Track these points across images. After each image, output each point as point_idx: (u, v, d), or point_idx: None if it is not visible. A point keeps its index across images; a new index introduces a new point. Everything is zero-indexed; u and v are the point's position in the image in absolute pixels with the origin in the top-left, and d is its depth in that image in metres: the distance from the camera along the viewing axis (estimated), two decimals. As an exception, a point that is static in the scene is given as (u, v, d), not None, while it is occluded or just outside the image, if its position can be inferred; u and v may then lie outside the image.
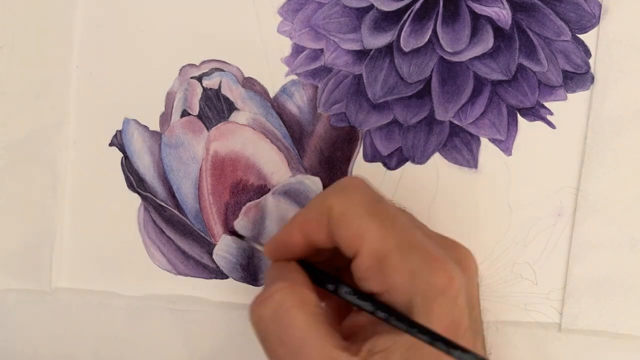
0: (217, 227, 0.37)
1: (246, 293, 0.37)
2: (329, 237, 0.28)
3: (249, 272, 0.37)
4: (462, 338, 0.26)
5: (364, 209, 0.27)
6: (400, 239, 0.26)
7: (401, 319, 0.25)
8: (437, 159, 0.36)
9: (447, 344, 0.24)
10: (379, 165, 0.36)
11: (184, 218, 0.37)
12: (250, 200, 0.36)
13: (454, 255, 0.27)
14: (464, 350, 0.24)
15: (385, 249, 0.26)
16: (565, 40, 0.35)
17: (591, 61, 0.35)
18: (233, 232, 0.36)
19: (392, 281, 0.26)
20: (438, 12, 0.35)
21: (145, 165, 0.37)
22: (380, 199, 0.28)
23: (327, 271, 0.29)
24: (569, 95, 0.35)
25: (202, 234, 0.37)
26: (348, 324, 0.29)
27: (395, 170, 0.36)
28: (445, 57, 0.35)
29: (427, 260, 0.26)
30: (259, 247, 0.35)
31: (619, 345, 0.34)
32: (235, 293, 0.37)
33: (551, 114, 0.35)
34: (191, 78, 0.37)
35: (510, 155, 0.35)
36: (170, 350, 0.37)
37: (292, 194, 0.36)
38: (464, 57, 0.35)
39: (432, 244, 0.27)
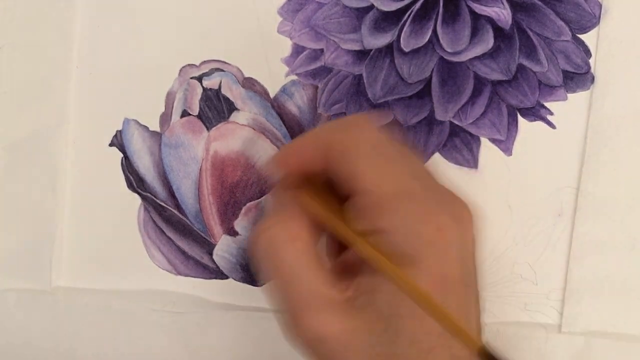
0: (217, 227, 0.37)
1: (246, 293, 0.37)
2: (324, 169, 0.27)
3: (249, 272, 0.37)
4: (452, 290, 0.25)
5: (364, 149, 0.26)
6: (396, 186, 0.26)
7: (387, 266, 0.25)
8: (437, 159, 0.36)
9: (425, 301, 0.24)
10: (379, 165, 0.36)
11: (184, 218, 0.37)
12: (250, 201, 0.36)
13: (450, 208, 0.27)
14: (440, 311, 0.24)
15: (380, 193, 0.26)
16: (566, 40, 0.35)
17: (591, 61, 0.35)
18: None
19: (383, 225, 0.25)
20: (438, 12, 0.35)
21: (145, 166, 0.37)
22: (384, 141, 0.27)
23: (322, 204, 0.29)
24: (569, 95, 0.35)
25: (202, 234, 0.37)
26: (343, 259, 0.29)
27: (395, 171, 0.36)
28: (446, 57, 0.35)
29: (419, 211, 0.25)
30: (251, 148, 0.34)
31: (620, 345, 0.34)
32: (235, 293, 0.37)
33: (551, 114, 0.35)
34: (191, 78, 0.37)
35: (511, 155, 0.35)
36: (170, 350, 0.37)
37: (292, 194, 0.36)
38: (464, 57, 0.35)
39: (428, 195, 0.26)
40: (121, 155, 0.37)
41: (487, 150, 0.35)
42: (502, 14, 0.35)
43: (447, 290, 0.25)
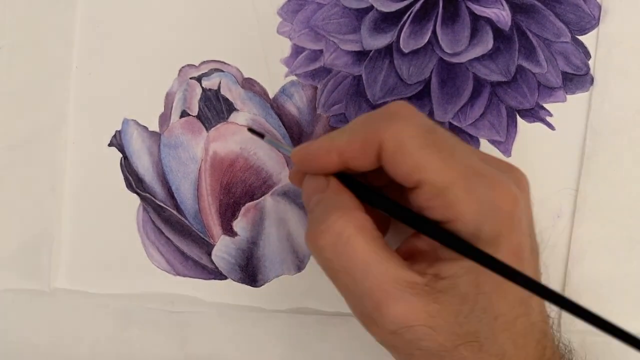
0: (216, 227, 0.37)
1: (244, 294, 0.36)
2: (373, 164, 0.27)
3: (248, 273, 0.37)
4: (527, 259, 0.26)
5: (420, 141, 0.26)
6: (461, 168, 0.26)
7: (469, 248, 0.25)
8: (436, 160, 0.36)
9: (514, 274, 0.24)
10: (378, 166, 0.36)
11: (183, 219, 0.37)
12: (249, 201, 0.36)
13: (513, 177, 0.27)
14: (530, 280, 0.24)
15: (447, 179, 0.25)
16: (565, 42, 0.35)
17: (591, 63, 0.35)
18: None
19: (457, 210, 0.25)
20: (438, 13, 0.35)
21: (144, 166, 0.37)
22: (434, 128, 0.27)
23: (381, 192, 0.28)
24: (569, 96, 0.35)
25: (201, 235, 0.37)
26: (405, 248, 0.28)
27: (395, 171, 0.36)
28: (445, 58, 0.35)
29: (492, 186, 0.25)
30: (281, 147, 0.32)
31: (618, 346, 0.34)
32: (233, 294, 0.37)
33: (550, 115, 0.35)
34: (190, 78, 0.37)
35: (510, 156, 0.35)
36: (168, 351, 0.37)
37: (291, 195, 0.36)
38: (463, 58, 0.35)
39: (492, 169, 0.26)
40: (120, 155, 0.37)
41: (487, 151, 0.35)
42: (502, 15, 0.35)
43: (523, 260, 0.26)
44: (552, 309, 0.35)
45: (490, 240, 0.25)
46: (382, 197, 0.28)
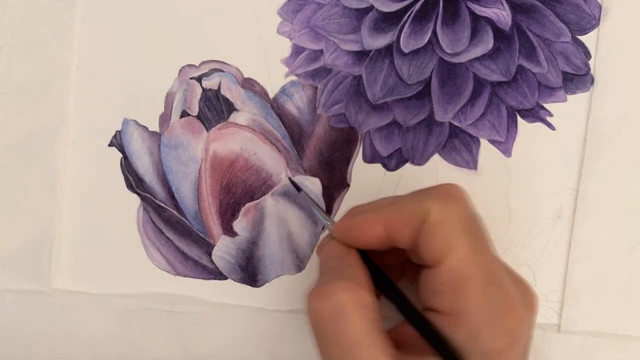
0: (216, 227, 0.37)
1: (245, 294, 0.36)
2: (412, 240, 0.27)
3: (248, 273, 0.37)
4: None
5: (461, 223, 0.26)
6: (486, 268, 0.26)
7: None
8: (436, 160, 0.36)
9: None
10: (378, 166, 0.36)
11: (183, 219, 0.37)
12: (249, 201, 0.36)
13: (524, 295, 0.27)
14: None
15: (469, 271, 0.25)
16: (565, 42, 0.35)
17: (591, 62, 0.35)
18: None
19: (464, 306, 0.25)
20: (438, 13, 0.35)
21: (144, 166, 0.37)
22: (478, 218, 0.27)
23: (389, 277, 0.28)
24: (569, 96, 0.35)
25: (201, 235, 0.37)
26: (398, 332, 0.28)
27: (395, 172, 0.36)
28: (445, 58, 0.35)
29: (505, 299, 0.25)
30: (320, 215, 0.32)
31: (618, 346, 0.34)
32: (233, 294, 0.37)
33: (551, 115, 0.35)
34: (191, 78, 0.37)
35: (510, 156, 0.35)
36: (169, 351, 0.37)
37: (291, 195, 0.36)
38: (463, 58, 0.35)
39: (509, 282, 0.26)
40: (120, 155, 0.37)
41: (487, 151, 0.35)
42: (502, 15, 0.35)
43: None
44: (545, 317, 0.35)
45: (487, 353, 0.25)
46: (390, 282, 0.28)
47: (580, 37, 0.35)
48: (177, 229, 0.37)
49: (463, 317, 0.25)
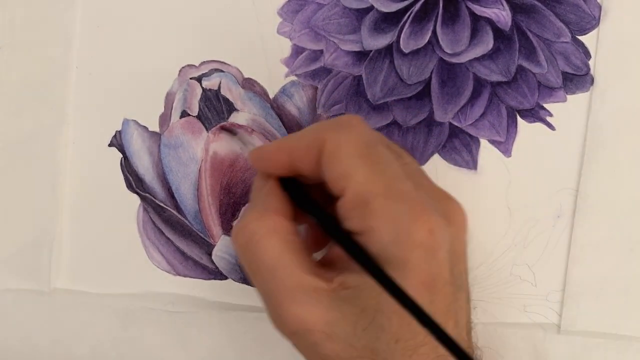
0: (216, 227, 0.37)
1: (245, 294, 0.36)
2: (316, 169, 0.27)
3: (248, 272, 0.37)
4: (440, 292, 0.25)
5: (356, 149, 0.26)
6: (387, 185, 0.26)
7: (374, 268, 0.25)
8: (436, 160, 0.36)
9: (407, 302, 0.24)
10: (378, 166, 0.36)
11: (183, 219, 0.37)
12: (249, 201, 0.36)
13: (443, 208, 0.27)
14: (423, 314, 0.24)
15: (370, 192, 0.26)
16: (565, 42, 0.35)
17: (591, 63, 0.35)
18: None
19: (371, 225, 0.25)
20: (438, 13, 0.35)
21: (144, 166, 0.37)
22: (377, 142, 0.27)
23: (312, 197, 0.29)
24: (569, 96, 0.35)
25: (201, 235, 0.37)
26: (328, 254, 0.29)
27: (395, 172, 0.36)
28: (445, 58, 0.35)
29: (410, 210, 0.25)
30: (245, 148, 0.34)
31: (618, 346, 0.34)
32: (233, 294, 0.37)
33: (551, 115, 0.35)
34: (191, 79, 0.37)
35: (510, 156, 0.35)
36: (169, 351, 0.37)
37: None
38: (463, 59, 0.35)
39: (420, 194, 0.26)
40: (120, 155, 0.37)
41: (487, 151, 0.35)
42: (502, 15, 0.35)
43: (434, 292, 0.25)
44: (545, 317, 0.35)
45: (398, 265, 0.25)
46: (310, 201, 0.28)
47: (580, 37, 0.35)
48: (177, 229, 0.37)
49: (372, 234, 0.25)
